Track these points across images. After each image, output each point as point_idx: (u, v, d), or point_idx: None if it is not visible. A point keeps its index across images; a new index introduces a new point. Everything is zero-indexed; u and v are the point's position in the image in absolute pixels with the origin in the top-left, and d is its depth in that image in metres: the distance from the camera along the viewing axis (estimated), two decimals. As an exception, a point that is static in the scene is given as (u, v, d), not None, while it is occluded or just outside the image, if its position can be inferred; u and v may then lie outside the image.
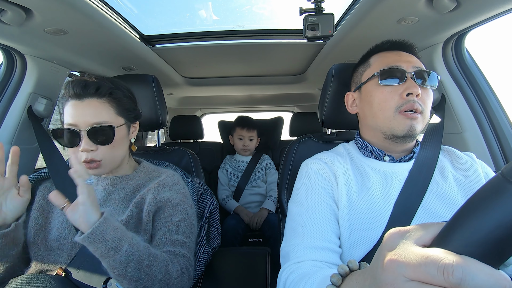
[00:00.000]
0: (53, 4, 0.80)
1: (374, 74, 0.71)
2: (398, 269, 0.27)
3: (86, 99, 0.76)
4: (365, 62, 0.79)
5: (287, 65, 1.76)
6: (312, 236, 0.64)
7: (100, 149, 0.76)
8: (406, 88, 0.67)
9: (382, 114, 0.70)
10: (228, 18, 1.43)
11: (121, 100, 0.82)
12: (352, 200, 0.68)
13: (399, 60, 0.70)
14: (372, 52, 0.79)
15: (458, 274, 0.23)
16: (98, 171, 0.79)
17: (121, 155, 0.84)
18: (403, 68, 0.68)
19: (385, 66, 0.70)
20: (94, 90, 0.76)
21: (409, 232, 0.30)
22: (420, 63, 0.72)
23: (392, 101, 0.68)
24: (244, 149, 2.01)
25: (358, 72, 0.81)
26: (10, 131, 1.12)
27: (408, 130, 0.67)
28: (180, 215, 0.82)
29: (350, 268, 0.40)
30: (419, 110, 0.67)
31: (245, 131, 2.00)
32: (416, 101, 0.66)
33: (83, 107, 0.75)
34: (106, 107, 0.78)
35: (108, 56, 1.30)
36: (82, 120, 0.74)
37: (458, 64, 1.16)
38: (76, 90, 0.75)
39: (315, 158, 0.79)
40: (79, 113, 0.75)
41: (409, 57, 0.72)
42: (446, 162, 0.75)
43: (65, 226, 0.77)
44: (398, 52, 0.74)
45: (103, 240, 0.60)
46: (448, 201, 0.66)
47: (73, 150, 0.76)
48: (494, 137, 1.08)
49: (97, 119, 0.75)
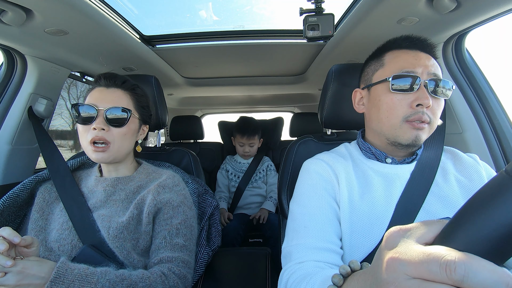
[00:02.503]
0: (54, 4, 0.80)
1: (386, 79, 0.67)
2: (400, 267, 0.27)
3: (112, 88, 0.84)
4: (379, 59, 0.73)
5: (287, 65, 1.76)
6: (314, 237, 0.63)
7: (111, 131, 0.80)
8: (416, 98, 0.64)
9: (388, 121, 0.67)
10: (229, 18, 1.43)
11: (141, 97, 0.90)
12: (353, 202, 0.67)
13: (415, 65, 0.66)
14: (388, 47, 0.73)
15: (461, 270, 0.23)
16: (103, 155, 0.79)
17: (127, 148, 0.86)
18: (417, 75, 0.64)
19: (399, 71, 0.66)
20: (121, 82, 0.85)
21: (410, 230, 0.30)
22: (436, 67, 0.67)
23: (400, 109, 0.65)
24: (244, 154, 1.99)
25: (369, 68, 0.76)
26: (10, 131, 1.12)
27: (413, 140, 0.65)
28: (180, 217, 0.82)
29: (351, 268, 0.40)
30: (427, 121, 0.64)
31: (245, 139, 1.94)
32: (425, 113, 0.64)
33: (108, 92, 0.83)
34: (128, 98, 0.85)
35: (109, 56, 1.30)
36: (104, 101, 0.80)
37: (458, 64, 1.15)
38: (106, 79, 0.84)
39: (317, 158, 0.78)
40: (102, 97, 0.81)
41: (426, 59, 0.67)
42: (449, 163, 0.74)
43: (65, 228, 0.77)
44: (416, 52, 0.68)
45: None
46: (449, 204, 0.66)
47: (84, 129, 0.79)
48: (495, 137, 1.08)
49: (117, 104, 0.81)
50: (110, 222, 0.76)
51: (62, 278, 0.60)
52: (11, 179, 1.13)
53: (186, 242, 0.80)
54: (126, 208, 0.81)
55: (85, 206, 0.80)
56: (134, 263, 0.75)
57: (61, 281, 0.60)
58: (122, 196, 0.82)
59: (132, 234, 0.77)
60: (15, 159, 1.15)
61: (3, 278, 0.57)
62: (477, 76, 1.12)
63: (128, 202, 0.82)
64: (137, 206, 0.80)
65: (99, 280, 0.64)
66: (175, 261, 0.76)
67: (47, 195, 0.84)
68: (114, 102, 0.81)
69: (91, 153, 0.79)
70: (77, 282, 0.61)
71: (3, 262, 0.57)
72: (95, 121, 0.78)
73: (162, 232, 0.79)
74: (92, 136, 0.77)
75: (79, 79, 1.51)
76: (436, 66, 0.67)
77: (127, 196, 0.83)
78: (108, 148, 0.79)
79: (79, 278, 0.62)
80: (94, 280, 0.63)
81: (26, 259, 0.61)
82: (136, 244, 0.78)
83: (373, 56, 0.77)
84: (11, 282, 0.57)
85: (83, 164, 0.95)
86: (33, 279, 0.59)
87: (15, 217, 0.84)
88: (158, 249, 0.77)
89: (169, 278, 0.72)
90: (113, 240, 0.74)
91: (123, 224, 0.76)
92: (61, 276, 0.60)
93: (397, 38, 0.72)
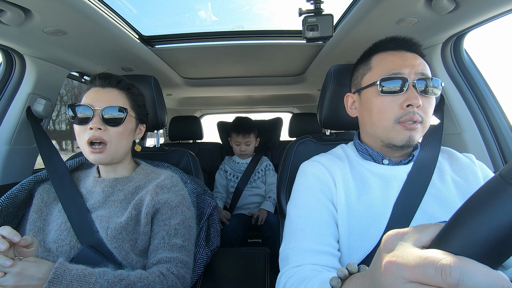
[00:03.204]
0: (52, 4, 0.80)
1: (374, 82, 0.68)
2: (397, 271, 0.27)
3: (107, 88, 0.84)
4: (366, 62, 0.74)
5: (286, 65, 1.76)
6: (311, 240, 0.63)
7: (108, 130, 0.80)
8: (406, 99, 0.64)
9: (380, 124, 0.68)
10: (228, 18, 1.43)
11: (137, 96, 0.90)
12: (351, 204, 0.67)
13: (402, 65, 0.66)
14: (374, 50, 0.74)
15: (456, 274, 0.23)
16: (100, 157, 0.79)
17: (125, 148, 0.86)
18: (405, 76, 0.65)
19: (386, 73, 0.67)
20: (116, 82, 0.85)
21: (407, 234, 0.30)
22: (424, 66, 0.68)
23: (391, 111, 0.66)
24: (241, 154, 1.99)
25: (358, 73, 0.77)
26: (9, 131, 1.12)
27: (406, 140, 0.66)
28: (178, 217, 0.82)
29: (349, 271, 0.40)
30: (418, 121, 0.65)
31: (240, 137, 1.94)
32: (416, 112, 0.64)
33: (103, 92, 0.83)
34: (124, 97, 0.85)
35: (107, 56, 1.30)
36: (99, 101, 0.80)
37: (457, 65, 1.16)
38: (101, 79, 0.84)
39: (313, 160, 0.78)
40: (98, 97, 0.81)
41: (413, 59, 0.67)
42: (446, 164, 0.74)
43: (63, 228, 0.77)
44: (402, 53, 0.69)
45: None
46: (446, 204, 0.66)
47: (81, 130, 0.79)
48: (493, 137, 1.08)
49: (113, 103, 0.81)
50: (109, 222, 0.76)
51: (60, 279, 0.60)
52: (9, 179, 1.13)
53: (185, 242, 0.80)
54: (125, 209, 0.80)
55: (83, 206, 0.80)
56: (132, 263, 0.75)
57: (59, 282, 0.60)
58: (121, 197, 0.82)
59: (130, 235, 0.77)
60: (14, 159, 1.15)
61: (2, 279, 0.57)
62: (475, 76, 1.13)
63: (126, 202, 0.82)
64: (135, 207, 0.80)
65: (97, 280, 0.63)
66: (173, 262, 0.76)
67: (46, 195, 0.83)
68: (110, 101, 0.81)
69: (89, 154, 0.79)
70: (76, 282, 0.61)
71: (2, 262, 0.56)
72: (92, 121, 0.78)
73: (161, 233, 0.79)
74: (89, 136, 0.77)
75: (78, 79, 1.50)
76: (424, 65, 0.68)
77: (126, 197, 0.83)
78: (105, 149, 0.79)
79: (77, 278, 0.62)
80: (92, 280, 0.63)
81: (24, 260, 0.61)
82: (135, 245, 0.77)
83: (361, 60, 0.77)
84: (10, 283, 0.57)
85: (82, 165, 0.95)
86: (31, 280, 0.59)
87: (13, 218, 0.84)
88: (157, 250, 0.77)
89: (167, 278, 0.72)
90: (112, 240, 0.74)
91: (122, 224, 0.76)
92: (59, 277, 0.60)
93: (383, 41, 0.73)
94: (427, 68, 0.68)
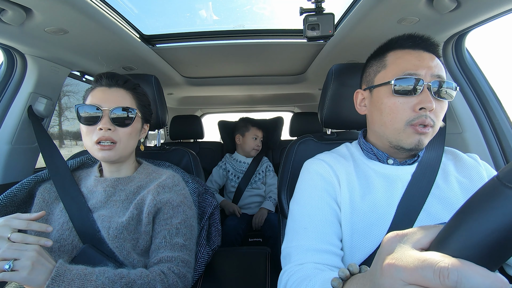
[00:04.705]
0: (54, 3, 0.80)
1: (388, 82, 0.66)
2: (396, 273, 0.27)
3: (114, 88, 0.84)
4: (381, 59, 0.71)
5: (287, 65, 1.76)
6: (313, 239, 0.63)
7: (117, 131, 0.80)
8: (420, 102, 0.62)
9: (391, 125, 0.66)
10: (228, 18, 1.43)
11: (143, 96, 0.90)
12: (354, 203, 0.67)
13: (419, 66, 0.64)
14: (390, 47, 0.70)
15: (454, 277, 0.23)
16: (109, 154, 0.79)
17: (132, 147, 0.86)
18: (421, 77, 0.63)
19: (401, 73, 0.64)
20: (122, 82, 0.85)
21: (406, 235, 0.30)
22: (440, 68, 0.65)
23: (403, 113, 0.64)
24: (256, 148, 2.02)
25: (371, 69, 0.73)
26: (10, 130, 1.12)
27: (415, 144, 0.64)
28: (180, 216, 0.82)
29: (350, 272, 0.40)
30: (430, 125, 0.63)
31: (260, 132, 2.06)
32: (428, 116, 0.62)
33: (110, 92, 0.82)
34: (130, 97, 0.85)
35: (109, 55, 1.30)
36: (108, 102, 0.80)
37: (458, 64, 1.16)
38: (108, 79, 0.83)
39: (318, 158, 0.77)
40: (106, 97, 0.81)
41: (430, 60, 0.65)
42: (450, 164, 0.73)
43: (65, 228, 0.77)
44: (419, 53, 0.66)
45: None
46: (450, 205, 0.66)
47: (89, 130, 0.79)
48: (494, 137, 1.08)
49: (121, 104, 0.81)
50: (110, 222, 0.76)
51: (62, 277, 0.60)
52: (11, 179, 1.13)
53: (186, 241, 0.80)
54: (126, 209, 0.81)
55: (85, 206, 0.80)
56: (134, 263, 0.75)
57: (61, 280, 0.60)
58: (122, 197, 0.82)
59: (132, 234, 0.77)
60: (15, 159, 1.15)
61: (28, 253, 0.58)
62: (477, 76, 1.13)
63: (128, 202, 0.82)
64: (137, 206, 0.80)
65: (98, 277, 0.64)
66: (174, 261, 0.76)
67: (47, 195, 0.84)
68: (118, 102, 0.81)
69: (97, 152, 0.79)
70: (77, 280, 0.61)
71: (42, 242, 0.61)
72: (101, 121, 0.78)
73: (162, 232, 0.79)
74: (98, 136, 0.77)
75: (79, 78, 1.50)
76: (440, 67, 0.65)
77: (127, 197, 0.83)
78: (114, 147, 0.79)
79: (78, 277, 0.62)
80: (93, 278, 0.63)
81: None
82: (136, 244, 0.78)
83: (375, 55, 0.74)
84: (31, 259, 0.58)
85: (83, 164, 0.95)
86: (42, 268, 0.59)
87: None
88: (158, 249, 0.77)
89: (168, 277, 0.72)
90: (113, 240, 0.74)
91: (123, 224, 0.76)
92: (61, 275, 0.60)
93: (400, 37, 0.69)
94: (443, 70, 0.66)
